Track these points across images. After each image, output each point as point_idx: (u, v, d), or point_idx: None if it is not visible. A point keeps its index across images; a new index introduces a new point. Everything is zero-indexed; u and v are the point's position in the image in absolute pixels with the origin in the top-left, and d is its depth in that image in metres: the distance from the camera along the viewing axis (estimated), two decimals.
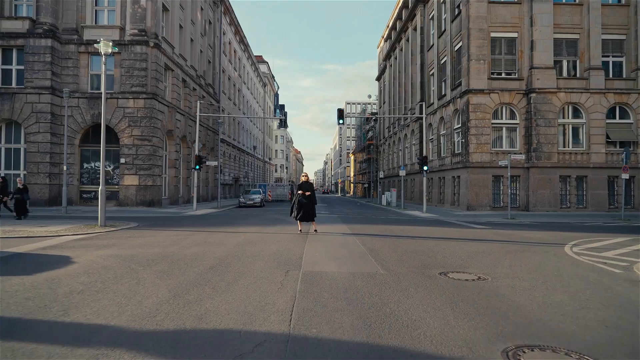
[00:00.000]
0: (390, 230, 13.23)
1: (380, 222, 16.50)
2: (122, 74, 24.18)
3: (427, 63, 33.96)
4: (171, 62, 27.28)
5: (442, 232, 12.72)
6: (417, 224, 16.15)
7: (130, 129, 24.07)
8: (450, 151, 28.11)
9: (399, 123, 43.09)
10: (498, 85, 25.12)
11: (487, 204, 24.75)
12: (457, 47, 27.27)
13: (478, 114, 24.87)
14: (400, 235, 11.58)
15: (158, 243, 9.47)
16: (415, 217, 20.50)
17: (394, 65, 46.24)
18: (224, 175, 44.62)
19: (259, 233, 11.78)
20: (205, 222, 15.51)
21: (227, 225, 14.42)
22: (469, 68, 24.93)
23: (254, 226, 13.96)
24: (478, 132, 24.85)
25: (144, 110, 24.11)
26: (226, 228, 13.22)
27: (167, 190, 27.81)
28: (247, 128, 57.91)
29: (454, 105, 27.32)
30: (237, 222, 15.95)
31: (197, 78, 33.29)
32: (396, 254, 8.28)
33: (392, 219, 19.19)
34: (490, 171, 24.90)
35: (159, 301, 4.75)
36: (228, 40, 46.74)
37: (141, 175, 24.03)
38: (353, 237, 10.89)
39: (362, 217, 20.27)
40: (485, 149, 24.87)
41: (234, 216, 19.55)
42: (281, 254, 8.14)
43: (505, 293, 5.40)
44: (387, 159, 49.50)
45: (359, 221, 17.05)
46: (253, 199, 29.33)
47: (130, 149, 24.07)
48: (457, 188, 26.99)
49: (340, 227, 13.96)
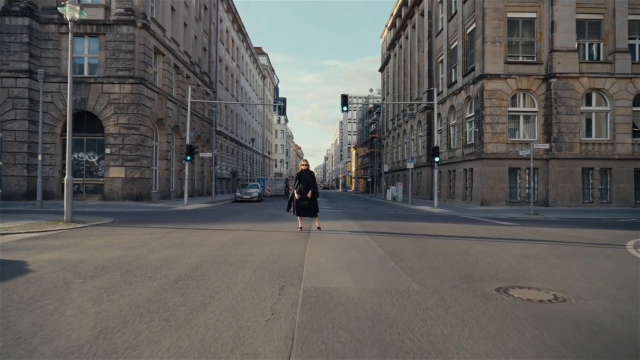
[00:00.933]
0: (406, 227, 11.33)
1: (391, 218, 14.60)
2: (107, 56, 22.22)
3: (436, 49, 31.95)
4: (162, 46, 25.31)
5: (469, 230, 10.82)
6: (434, 220, 14.25)
7: (116, 116, 22.14)
8: (461, 142, 26.17)
9: (404, 114, 41.10)
10: (515, 69, 23.15)
11: (503, 198, 22.85)
12: (470, 30, 25.27)
13: (493, 100, 22.92)
14: (421, 234, 9.68)
15: (123, 244, 7.58)
16: (427, 213, 18.60)
17: (398, 54, 44.20)
18: (221, 169, 42.73)
19: (251, 231, 9.89)
20: (193, 218, 13.62)
21: (216, 221, 12.52)
22: (483, 51, 22.95)
23: (246, 222, 12.06)
24: (493, 120, 22.91)
25: (131, 97, 22.17)
26: (214, 225, 11.33)
27: (157, 183, 25.91)
28: (246, 121, 55.95)
29: (466, 92, 25.36)
30: (229, 217, 14.06)
31: (191, 65, 31.32)
32: (425, 260, 6.39)
33: (402, 214, 17.30)
34: (506, 163, 22.97)
35: (64, 350, 2.86)
36: (225, 28, 44.71)
37: (128, 167, 22.12)
38: (365, 236, 8.99)
39: (369, 212, 18.37)
40: (501, 139, 22.93)
41: (226, 211, 17.66)
42: (276, 259, 6.25)
43: (619, 327, 3.51)
44: (391, 152, 47.56)
45: (367, 217, 15.15)
46: (250, 194, 27.44)
47: (116, 138, 22.15)
48: (470, 181, 25.08)
49: (346, 223, 12.07)
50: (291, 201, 9.99)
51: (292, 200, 9.93)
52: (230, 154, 47.29)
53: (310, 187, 9.73)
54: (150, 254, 6.50)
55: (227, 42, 45.68)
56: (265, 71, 75.66)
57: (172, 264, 5.76)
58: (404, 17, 40.05)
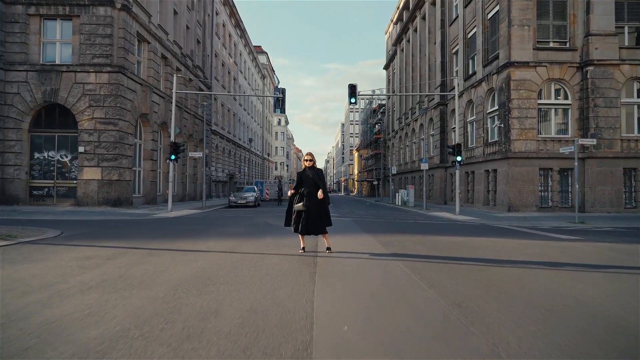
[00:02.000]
0: (443, 245, 8.51)
1: (415, 230, 11.76)
2: (82, 41, 19.49)
3: (449, 40, 29.19)
4: (147, 32, 22.57)
5: (530, 249, 7.99)
6: (469, 232, 11.42)
7: (92, 109, 19.38)
8: (482, 140, 23.35)
9: (419, 108, 38.31)
10: (546, 56, 20.36)
11: (533, 203, 20.01)
12: (492, 14, 22.51)
13: (522, 92, 20.12)
14: (474, 259, 6.84)
15: (20, 281, 4.78)
16: (452, 221, 15.77)
17: (406, 48, 41.46)
18: (216, 171, 39.95)
19: (232, 253, 7.06)
20: (166, 230, 10.81)
21: (192, 235, 9.70)
22: (509, 36, 20.17)
23: (231, 238, 9.23)
24: (522, 114, 20.10)
25: (109, 87, 19.41)
26: (187, 241, 8.51)
27: (141, 186, 23.12)
28: (244, 121, 53.24)
29: (487, 83, 22.56)
30: (212, 230, 11.23)
31: (182, 57, 28.59)
32: (524, 318, 3.57)
33: (424, 223, 14.46)
34: (536, 163, 20.16)
35: None
36: (222, 22, 42.06)
37: (105, 167, 19.34)
38: (397, 264, 6.14)
39: (383, 221, 15.53)
40: (530, 135, 20.12)
41: (213, 220, 14.83)
42: (259, 325, 3.41)
43: None
44: (398, 153, 44.73)
45: (385, 228, 12.32)
46: (246, 198, 24.64)
47: (92, 134, 19.39)
48: (493, 184, 22.24)
49: (363, 239, 9.24)
50: (290, 213, 7.16)
51: (291, 212, 7.11)
52: (227, 155, 44.52)
53: (316, 194, 6.91)
54: (35, 313, 3.68)
55: (223, 37, 43.01)
56: (265, 70, 72.99)
57: (52, 344, 2.93)
58: (413, 8, 37.33)
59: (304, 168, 7.18)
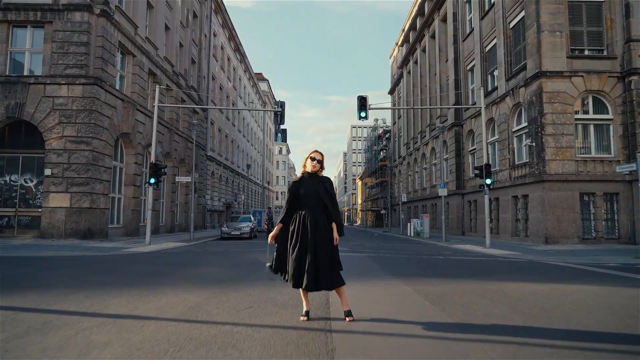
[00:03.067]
0: (524, 300, 5.58)
1: (459, 272, 8.83)
2: (54, 50, 17.14)
3: (464, 56, 26.99)
4: (132, 45, 20.31)
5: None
6: (531, 275, 8.49)
7: (62, 126, 16.82)
8: (508, 162, 20.63)
9: (421, 136, 35.84)
10: (581, 65, 17.91)
11: (574, 234, 17.07)
12: (515, 22, 20.26)
13: (556, 105, 17.56)
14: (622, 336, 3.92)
15: None
16: (490, 256, 12.82)
17: (413, 70, 39.45)
18: (212, 200, 37.16)
19: (189, 323, 4.17)
20: (117, 275, 7.91)
21: (148, 283, 6.78)
22: (539, 43, 17.79)
23: (201, 287, 6.29)
24: (557, 131, 17.46)
25: (82, 101, 16.91)
26: (128, 297, 5.57)
27: (120, 215, 20.29)
28: (243, 148, 50.88)
29: (513, 98, 20.05)
30: (181, 272, 8.32)
31: (173, 75, 26.36)
32: None
33: (459, 261, 11.52)
34: (576, 187, 17.35)
35: None
36: (220, 44, 40.32)
37: (74, 193, 16.58)
38: (478, 347, 3.23)
39: (405, 257, 12.57)
40: (568, 154, 17.41)
41: (192, 257, 11.89)
42: None
43: None
44: (406, 180, 42.00)
45: (414, 268, 9.40)
46: (240, 228, 21.71)
47: (60, 155, 16.74)
48: (524, 212, 19.34)
49: (395, 289, 6.30)
50: (280, 253, 4.31)
51: (282, 251, 4.32)
52: (224, 183, 41.86)
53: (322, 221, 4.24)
54: None
55: (222, 60, 41.19)
56: (266, 97, 71.37)
57: None
58: (421, 27, 35.49)
59: (304, 175, 4.41)
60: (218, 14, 39.23)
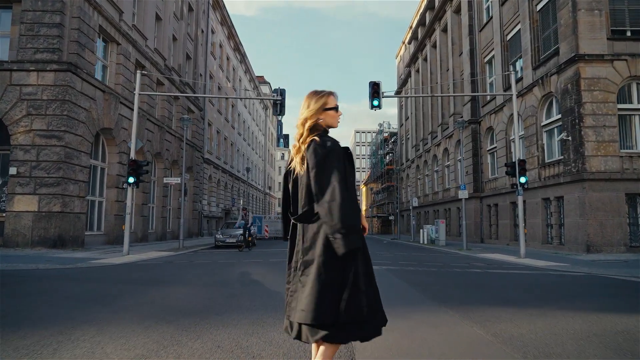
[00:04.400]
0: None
1: (525, 297, 6.53)
2: (23, 32, 15.03)
3: (480, 47, 24.82)
4: (115, 31, 18.24)
5: None
6: (629, 299, 6.19)
7: (30, 119, 14.67)
8: (536, 160, 18.35)
9: (432, 137, 33.59)
10: (624, 48, 15.68)
11: (620, 241, 14.73)
12: (544, 4, 18.09)
13: (596, 93, 15.31)
14: None
15: None
16: (539, 270, 10.53)
17: (422, 68, 37.30)
18: (210, 205, 34.94)
19: None
20: (39, 303, 5.64)
21: (72, 318, 4.47)
22: (576, 23, 15.58)
23: (144, 332, 3.96)
24: (598, 122, 15.19)
25: (54, 90, 14.77)
26: (34, 348, 3.32)
27: (102, 221, 18.11)
28: (244, 152, 48.75)
29: (542, 88, 17.81)
30: (145, 297, 6.03)
31: (165, 70, 24.26)
32: None
33: (504, 276, 9.22)
34: (621, 186, 15.04)
35: None
36: (218, 42, 38.35)
37: (43, 195, 14.38)
38: None
39: (434, 270, 10.26)
40: (611, 150, 15.12)
41: (171, 271, 9.62)
42: None
43: None
44: (415, 184, 39.69)
45: (460, 291, 7.09)
46: (236, 236, 19.42)
47: (28, 152, 14.57)
48: (557, 216, 17.02)
49: (460, 333, 3.96)
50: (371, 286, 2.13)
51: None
52: (223, 188, 39.65)
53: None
54: None
55: (220, 59, 39.19)
56: (268, 101, 69.32)
57: None
58: (430, 22, 33.40)
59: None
60: (216, 10, 37.30)
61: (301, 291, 2.03)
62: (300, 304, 2.01)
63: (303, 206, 2.08)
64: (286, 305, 2.12)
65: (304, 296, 2.00)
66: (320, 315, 1.94)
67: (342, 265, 2.02)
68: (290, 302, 2.10)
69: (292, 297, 2.10)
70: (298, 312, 2.00)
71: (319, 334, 1.97)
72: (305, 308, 1.97)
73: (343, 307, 1.96)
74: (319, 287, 1.97)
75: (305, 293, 2.00)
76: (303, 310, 1.97)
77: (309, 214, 2.06)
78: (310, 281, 2.00)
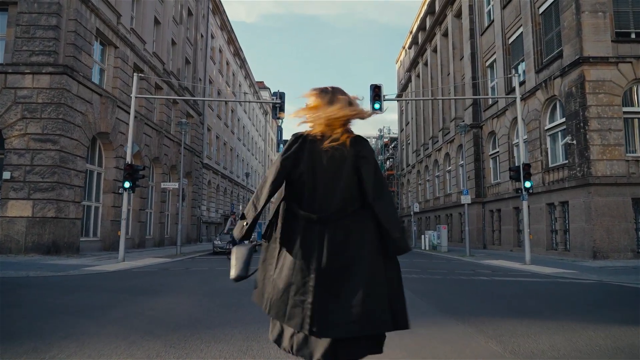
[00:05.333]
0: None
1: (540, 307, 6.20)
2: (18, 34, 14.81)
3: (482, 51, 24.62)
4: (113, 34, 18.02)
5: None
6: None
7: (25, 122, 14.39)
8: (540, 165, 18.06)
9: (433, 142, 33.33)
10: (629, 50, 15.45)
11: (627, 247, 14.41)
12: (546, 6, 17.89)
13: (601, 96, 15.04)
14: None
15: None
16: (547, 277, 10.22)
17: (422, 73, 37.13)
18: (209, 211, 34.62)
19: None
20: (15, 317, 5.33)
21: (41, 335, 4.19)
22: (579, 25, 15.35)
23: (141, 349, 3.68)
24: (603, 126, 14.91)
25: (50, 93, 14.52)
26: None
27: (98, 227, 17.81)
28: (243, 157, 48.48)
29: (545, 91, 17.55)
30: (123, 309, 5.68)
31: (164, 74, 24.03)
32: None
33: (511, 284, 8.90)
34: (627, 191, 14.73)
35: None
36: (218, 47, 38.20)
37: (37, 200, 14.08)
38: None
39: (439, 278, 9.94)
40: (616, 154, 14.83)
41: (165, 279, 9.32)
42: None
43: None
44: (416, 190, 39.38)
45: (471, 301, 6.76)
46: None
47: (23, 156, 14.28)
48: (562, 221, 16.70)
49: (478, 354, 3.66)
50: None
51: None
52: (222, 194, 39.35)
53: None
54: None
55: (220, 64, 39.02)
56: (268, 106, 69.20)
57: None
58: (431, 26, 33.25)
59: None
60: (216, 15, 37.18)
61: (342, 300, 1.86)
62: (346, 315, 1.83)
63: (350, 202, 1.95)
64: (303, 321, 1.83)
65: (351, 305, 1.84)
66: (383, 325, 1.86)
67: (391, 268, 1.98)
68: (312, 315, 1.82)
69: (317, 308, 1.83)
70: (345, 325, 1.82)
71: (372, 348, 1.93)
72: (357, 319, 1.81)
73: (398, 316, 1.90)
74: (371, 293, 1.86)
75: (354, 301, 1.84)
76: (355, 322, 1.81)
77: (358, 211, 1.98)
78: (359, 287, 1.86)
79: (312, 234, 1.91)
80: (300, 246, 1.92)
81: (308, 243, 1.91)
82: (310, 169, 1.96)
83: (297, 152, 1.98)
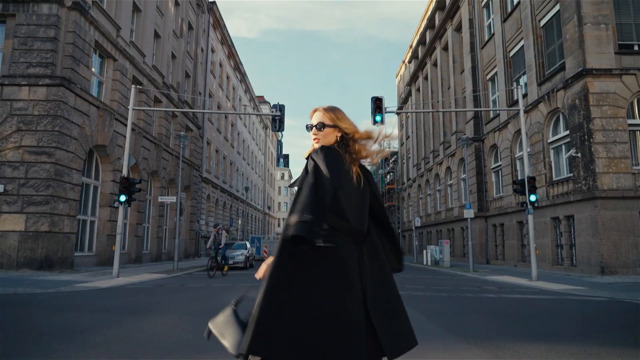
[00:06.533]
0: None
1: (558, 328, 5.84)
2: (16, 46, 14.67)
3: (483, 64, 24.55)
4: (112, 47, 17.91)
5: None
6: None
7: (20, 135, 14.15)
8: (544, 178, 17.77)
9: (434, 155, 33.11)
10: (632, 62, 15.29)
11: (636, 262, 14.03)
12: (548, 18, 17.83)
13: (605, 108, 14.84)
14: None
15: None
16: (557, 294, 9.83)
17: (423, 87, 37.12)
18: (208, 226, 34.19)
19: None
20: None
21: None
22: (582, 37, 15.23)
23: None
24: (608, 138, 14.67)
25: (46, 105, 14.30)
26: None
27: (93, 242, 17.42)
28: (243, 171, 48.25)
29: (548, 104, 17.37)
30: (104, 334, 5.32)
31: (164, 87, 23.92)
32: None
33: (521, 302, 8.53)
34: (634, 205, 14.41)
35: None
36: (218, 61, 38.28)
37: (31, 214, 13.74)
38: None
39: (446, 296, 9.56)
40: (622, 166, 14.55)
41: (154, 298, 8.93)
42: None
43: None
44: (417, 204, 39.02)
45: (483, 323, 6.40)
46: (233, 257, 18.67)
47: (17, 168, 14.00)
48: (568, 236, 16.34)
49: None
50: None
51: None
52: (221, 208, 38.97)
53: None
54: None
55: (220, 78, 39.06)
56: (268, 120, 69.28)
57: None
58: (431, 40, 33.32)
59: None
60: (217, 30, 37.34)
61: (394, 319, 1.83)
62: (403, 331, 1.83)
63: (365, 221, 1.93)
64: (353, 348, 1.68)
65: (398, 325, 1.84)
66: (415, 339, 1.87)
67: None
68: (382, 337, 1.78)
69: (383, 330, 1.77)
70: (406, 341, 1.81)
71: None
72: (409, 333, 1.84)
73: None
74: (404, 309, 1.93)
75: (402, 317, 1.87)
76: (410, 336, 1.84)
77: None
78: (399, 303, 1.90)
79: (353, 251, 1.80)
80: (347, 264, 1.76)
81: (352, 260, 1.78)
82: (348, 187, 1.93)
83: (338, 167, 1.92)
